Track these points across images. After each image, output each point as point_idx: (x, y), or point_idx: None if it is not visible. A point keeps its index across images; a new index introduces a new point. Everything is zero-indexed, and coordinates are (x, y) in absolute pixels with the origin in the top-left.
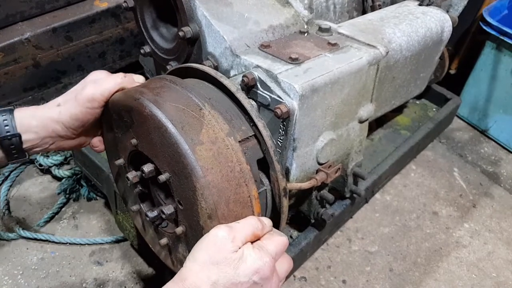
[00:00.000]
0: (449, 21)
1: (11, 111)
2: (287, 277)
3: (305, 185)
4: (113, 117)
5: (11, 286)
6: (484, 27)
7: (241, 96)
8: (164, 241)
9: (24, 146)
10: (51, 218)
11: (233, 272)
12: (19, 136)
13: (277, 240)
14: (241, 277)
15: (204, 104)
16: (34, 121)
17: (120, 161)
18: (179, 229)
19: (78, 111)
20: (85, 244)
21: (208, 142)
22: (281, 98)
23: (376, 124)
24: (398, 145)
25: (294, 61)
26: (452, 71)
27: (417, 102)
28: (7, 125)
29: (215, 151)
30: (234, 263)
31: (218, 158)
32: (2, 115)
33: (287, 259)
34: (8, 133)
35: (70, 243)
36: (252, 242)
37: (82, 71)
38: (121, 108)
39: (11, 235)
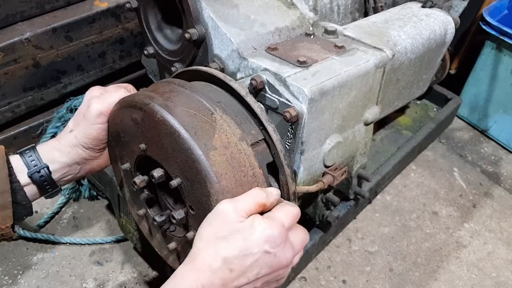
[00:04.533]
0: (452, 23)
1: (33, 148)
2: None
3: (313, 188)
4: (119, 121)
5: (11, 286)
6: (484, 27)
7: (251, 100)
8: (172, 245)
9: (54, 176)
10: (51, 218)
11: (243, 244)
12: (47, 166)
13: (288, 210)
14: (252, 247)
15: (215, 108)
16: (56, 152)
17: (127, 166)
18: (190, 234)
19: (91, 129)
20: (85, 244)
21: (221, 147)
22: (290, 102)
23: (377, 124)
24: (400, 145)
25: (302, 64)
26: (452, 71)
27: (418, 102)
28: (33, 160)
29: (228, 156)
30: (243, 234)
31: (232, 163)
32: (26, 153)
33: (301, 230)
34: (36, 166)
35: (70, 243)
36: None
37: (82, 71)
38: (130, 113)
39: None
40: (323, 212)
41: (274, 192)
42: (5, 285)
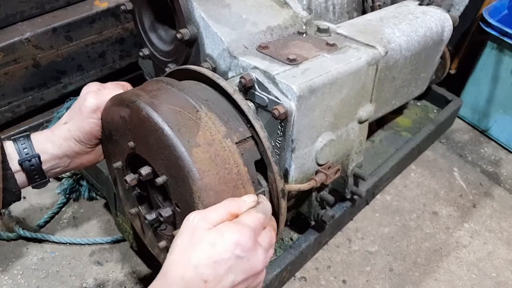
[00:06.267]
0: (450, 21)
1: (27, 136)
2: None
3: (304, 186)
4: (110, 119)
5: (11, 286)
6: (484, 27)
7: (238, 97)
8: (162, 244)
9: (44, 167)
10: (51, 218)
11: (212, 250)
12: (38, 156)
13: (253, 215)
14: (222, 253)
15: (200, 106)
16: (49, 143)
17: (118, 164)
18: (177, 232)
19: (86, 123)
20: (85, 244)
21: (204, 144)
22: (279, 99)
23: (376, 125)
24: (399, 146)
25: (292, 62)
26: (452, 71)
27: (418, 103)
28: (25, 148)
29: (212, 153)
30: (212, 240)
31: (215, 160)
32: (20, 140)
33: (267, 230)
34: (28, 155)
35: (70, 243)
36: None
37: (82, 71)
38: (118, 111)
39: (11, 235)
40: (318, 211)
41: (248, 200)
42: (5, 285)
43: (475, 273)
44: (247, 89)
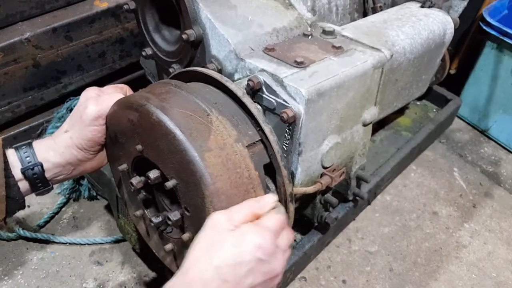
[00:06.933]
0: (451, 23)
1: (30, 144)
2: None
3: (310, 189)
4: (116, 122)
5: (11, 286)
6: (484, 27)
7: (248, 101)
8: (169, 246)
9: (47, 175)
10: (51, 218)
11: (235, 251)
12: (41, 165)
13: (274, 217)
14: (244, 255)
15: (211, 109)
16: (51, 151)
17: (124, 167)
18: (186, 236)
19: (87, 131)
20: (85, 244)
21: (216, 148)
22: (287, 103)
23: (377, 125)
24: (400, 146)
25: (300, 64)
26: (452, 71)
27: (418, 103)
28: (28, 157)
29: (223, 158)
30: (234, 241)
31: (227, 165)
32: (22, 149)
33: (286, 231)
34: (30, 163)
35: (70, 243)
36: None
37: (82, 71)
38: (126, 114)
39: (11, 235)
40: (322, 213)
41: (269, 201)
42: (5, 285)
43: (475, 273)
44: (254, 91)
